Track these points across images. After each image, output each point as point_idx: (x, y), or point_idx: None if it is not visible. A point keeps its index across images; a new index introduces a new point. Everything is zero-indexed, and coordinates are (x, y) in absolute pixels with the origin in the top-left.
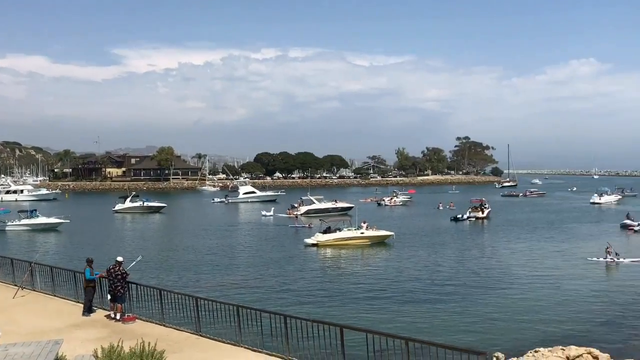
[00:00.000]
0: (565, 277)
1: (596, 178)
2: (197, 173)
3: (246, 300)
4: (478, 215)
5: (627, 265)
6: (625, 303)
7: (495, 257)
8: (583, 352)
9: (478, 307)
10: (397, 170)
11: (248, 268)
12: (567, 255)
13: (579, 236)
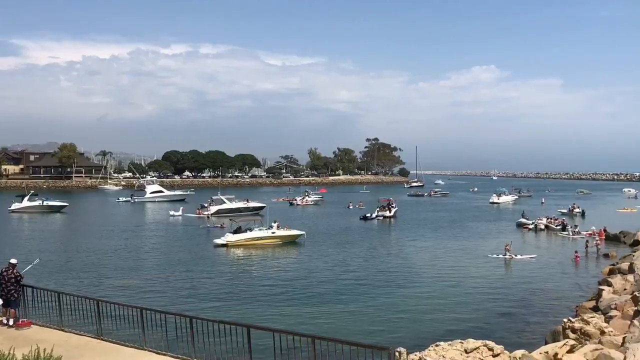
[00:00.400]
0: (467, 274)
1: (495, 179)
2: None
3: (151, 302)
4: (386, 214)
5: (522, 261)
6: (520, 297)
7: (401, 255)
8: (480, 345)
9: (384, 304)
10: (309, 170)
11: (154, 270)
12: (469, 252)
13: (480, 234)
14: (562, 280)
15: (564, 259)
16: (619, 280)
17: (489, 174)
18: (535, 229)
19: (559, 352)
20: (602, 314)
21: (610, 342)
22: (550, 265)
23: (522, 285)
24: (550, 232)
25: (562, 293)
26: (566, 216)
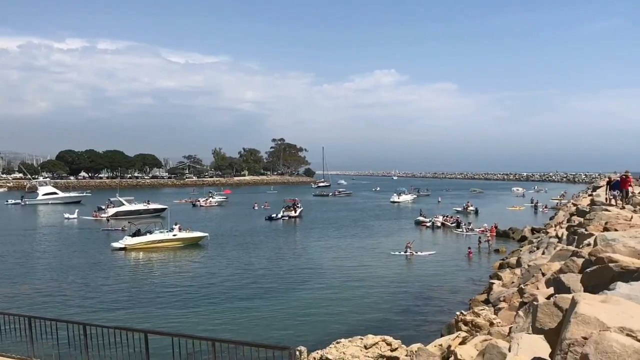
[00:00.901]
0: (370, 272)
1: (396, 179)
2: None
3: (41, 311)
4: (291, 215)
5: (422, 258)
6: (419, 292)
7: (305, 255)
8: (378, 340)
9: (288, 305)
10: (213, 171)
11: (45, 276)
12: (371, 250)
13: (382, 232)
14: (457, 275)
15: (459, 255)
16: (507, 274)
17: (390, 174)
18: (433, 227)
19: (452, 344)
20: (492, 306)
21: (498, 332)
22: (447, 261)
23: (421, 281)
24: (446, 229)
25: (457, 287)
26: (461, 214)
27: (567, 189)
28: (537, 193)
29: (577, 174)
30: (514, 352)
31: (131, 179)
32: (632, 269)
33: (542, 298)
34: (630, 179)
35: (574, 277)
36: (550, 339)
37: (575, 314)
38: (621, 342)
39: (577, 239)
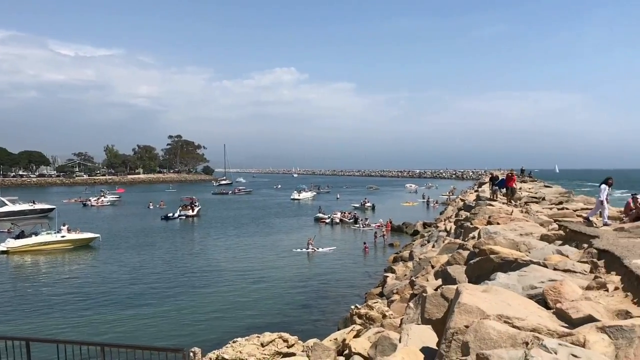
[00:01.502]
0: (271, 270)
1: (296, 176)
2: None
3: None
4: (188, 214)
5: (323, 254)
6: (318, 288)
7: (204, 255)
8: (275, 337)
9: (186, 306)
10: (105, 169)
11: None
12: (273, 248)
13: (283, 230)
14: (355, 270)
15: (356, 250)
16: (401, 267)
17: (290, 172)
18: (332, 223)
19: (346, 338)
20: (386, 299)
21: (390, 324)
22: (345, 257)
23: (320, 277)
24: (344, 225)
25: (354, 282)
26: (358, 210)
27: (456, 185)
28: (429, 189)
29: (465, 170)
30: (403, 343)
31: (15, 178)
32: (510, 259)
33: (431, 289)
34: (514, 177)
35: (459, 269)
36: (437, 329)
37: (458, 304)
38: (497, 329)
39: (464, 233)
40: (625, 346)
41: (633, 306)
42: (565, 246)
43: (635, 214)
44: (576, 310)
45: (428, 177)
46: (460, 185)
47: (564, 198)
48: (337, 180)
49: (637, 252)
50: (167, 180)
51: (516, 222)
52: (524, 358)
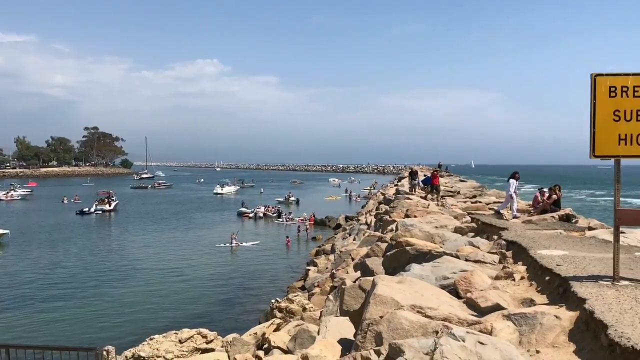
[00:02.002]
0: (193, 265)
1: (218, 170)
2: None
3: None
4: (105, 208)
5: (247, 249)
6: (241, 283)
7: (122, 251)
8: (194, 334)
9: (100, 304)
10: (16, 161)
11: None
12: (196, 243)
13: (206, 225)
14: (278, 264)
15: (279, 244)
16: (322, 260)
17: (213, 166)
18: (255, 217)
19: (266, 332)
20: (307, 292)
21: (310, 317)
22: (269, 251)
23: (243, 272)
24: (268, 220)
25: (277, 276)
26: (282, 204)
27: (378, 180)
28: (351, 183)
29: (387, 165)
30: (322, 335)
31: None
32: (424, 251)
33: (350, 282)
34: (439, 175)
35: (377, 261)
36: (355, 320)
37: (374, 295)
38: (410, 319)
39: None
40: (528, 332)
41: (537, 294)
42: (477, 238)
43: (542, 207)
44: (485, 299)
45: (351, 172)
46: (381, 179)
47: (477, 192)
48: (261, 175)
49: (542, 243)
50: (83, 174)
51: (432, 215)
52: (433, 346)
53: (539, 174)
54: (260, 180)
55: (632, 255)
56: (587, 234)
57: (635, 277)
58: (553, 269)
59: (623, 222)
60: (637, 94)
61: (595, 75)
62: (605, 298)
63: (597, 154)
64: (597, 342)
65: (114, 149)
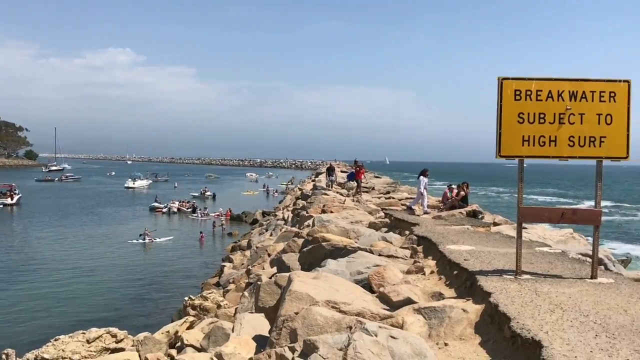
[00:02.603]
0: (102, 262)
1: (130, 163)
2: None
3: None
4: (7, 202)
5: (160, 245)
6: (154, 280)
7: (25, 248)
8: (102, 333)
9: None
10: None
11: None
12: (105, 239)
13: (117, 220)
14: (192, 260)
15: (194, 240)
16: (238, 256)
17: (124, 159)
18: (169, 212)
19: (179, 330)
20: (222, 289)
21: (225, 314)
22: (183, 247)
23: (156, 268)
24: (182, 215)
25: (191, 272)
26: (198, 199)
27: (295, 175)
28: (269, 178)
29: (304, 161)
30: (236, 332)
31: None
32: (340, 246)
33: (266, 278)
34: (363, 171)
35: (293, 257)
36: (270, 317)
37: (289, 291)
38: (324, 315)
39: (300, 221)
40: (437, 325)
41: (445, 288)
42: (390, 233)
43: (451, 203)
44: (397, 294)
45: (269, 167)
46: (299, 174)
47: (391, 188)
48: (175, 168)
49: (451, 238)
50: None
51: (348, 211)
52: (347, 342)
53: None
54: (175, 174)
55: (533, 250)
56: (492, 230)
57: (535, 271)
58: (461, 264)
59: (525, 218)
60: (539, 97)
61: (502, 79)
62: (509, 291)
63: (502, 154)
64: (501, 334)
65: (17, 140)
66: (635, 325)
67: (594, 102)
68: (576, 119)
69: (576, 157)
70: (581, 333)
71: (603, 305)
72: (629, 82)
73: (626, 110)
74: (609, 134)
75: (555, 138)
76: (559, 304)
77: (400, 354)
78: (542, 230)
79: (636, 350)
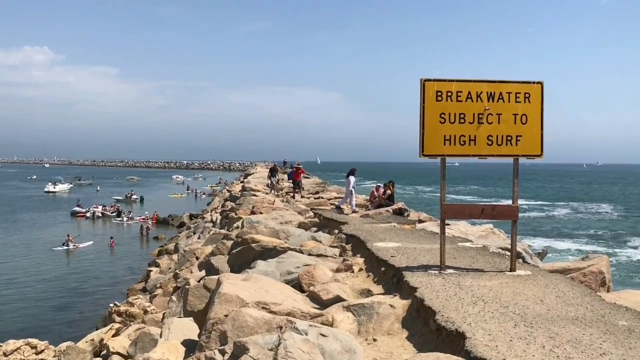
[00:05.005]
0: (20, 270)
1: (47, 167)
2: None
3: None
4: None
5: (84, 251)
6: (77, 287)
7: None
8: (21, 344)
9: None
10: None
11: None
12: (23, 247)
13: (37, 226)
14: (118, 266)
15: (120, 245)
16: (165, 261)
17: (42, 162)
18: (93, 217)
19: (104, 337)
20: (149, 294)
21: (152, 319)
22: (108, 252)
23: (80, 275)
24: (106, 219)
25: (117, 278)
26: (123, 203)
27: (223, 177)
28: (196, 180)
29: (233, 162)
30: (164, 337)
31: None
32: (270, 247)
33: (194, 281)
34: (302, 171)
35: (222, 259)
36: (199, 321)
37: (219, 294)
38: (254, 316)
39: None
40: (366, 322)
41: (373, 285)
42: (320, 232)
43: (378, 202)
44: (326, 292)
45: (196, 169)
46: (227, 176)
47: (320, 188)
48: (98, 171)
49: (379, 236)
50: None
51: (277, 211)
52: (277, 342)
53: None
54: (99, 177)
55: (456, 246)
56: (417, 227)
57: (459, 266)
58: (388, 260)
59: (447, 215)
60: (459, 98)
61: (424, 80)
62: (434, 286)
63: (425, 153)
64: (427, 327)
65: None
66: (550, 314)
67: (510, 102)
68: (494, 119)
69: (494, 155)
70: (501, 323)
71: (521, 296)
72: (542, 83)
73: (540, 110)
74: (524, 133)
75: (474, 137)
76: (481, 297)
77: (330, 351)
78: (464, 226)
79: (551, 337)
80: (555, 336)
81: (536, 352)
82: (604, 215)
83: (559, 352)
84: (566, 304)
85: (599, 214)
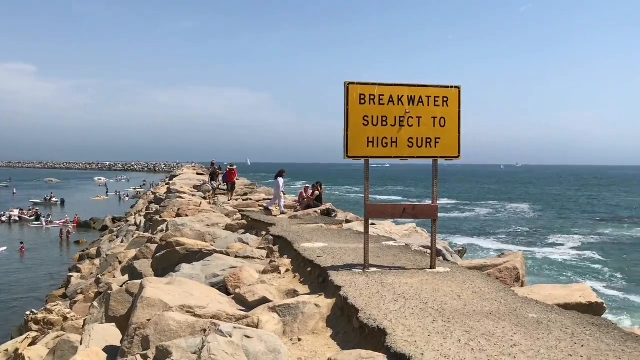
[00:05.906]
0: None
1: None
2: None
3: None
4: None
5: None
6: None
7: None
8: None
9: None
10: None
11: None
12: None
13: None
14: (36, 272)
15: (38, 250)
16: (87, 265)
17: None
18: (10, 221)
19: (20, 347)
20: (69, 300)
21: (72, 326)
22: (25, 258)
23: None
24: (24, 223)
25: (35, 285)
26: (42, 206)
27: (148, 178)
28: (119, 182)
29: (158, 163)
30: (85, 344)
31: None
32: (195, 250)
33: (117, 286)
34: (235, 172)
35: (146, 263)
36: (122, 326)
37: (141, 298)
38: (177, 320)
39: (153, 226)
40: (292, 322)
41: (300, 285)
42: (247, 234)
43: (306, 203)
44: (252, 294)
45: (119, 170)
46: (152, 178)
47: (248, 189)
48: (15, 173)
49: (306, 236)
50: None
51: (204, 214)
52: (201, 345)
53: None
54: (17, 179)
55: (380, 245)
56: (344, 227)
57: (382, 264)
58: (314, 260)
59: (371, 215)
60: (382, 101)
61: (348, 83)
62: (357, 284)
63: (350, 154)
64: (351, 325)
65: None
66: (467, 309)
67: (429, 106)
68: (414, 122)
69: (415, 157)
70: (421, 319)
71: (440, 293)
72: (459, 88)
73: (457, 113)
74: (442, 135)
75: (396, 139)
76: (402, 294)
77: (254, 353)
78: (389, 225)
79: (467, 331)
80: (470, 330)
81: (452, 346)
82: (522, 215)
83: (474, 345)
84: (482, 299)
85: (517, 213)
